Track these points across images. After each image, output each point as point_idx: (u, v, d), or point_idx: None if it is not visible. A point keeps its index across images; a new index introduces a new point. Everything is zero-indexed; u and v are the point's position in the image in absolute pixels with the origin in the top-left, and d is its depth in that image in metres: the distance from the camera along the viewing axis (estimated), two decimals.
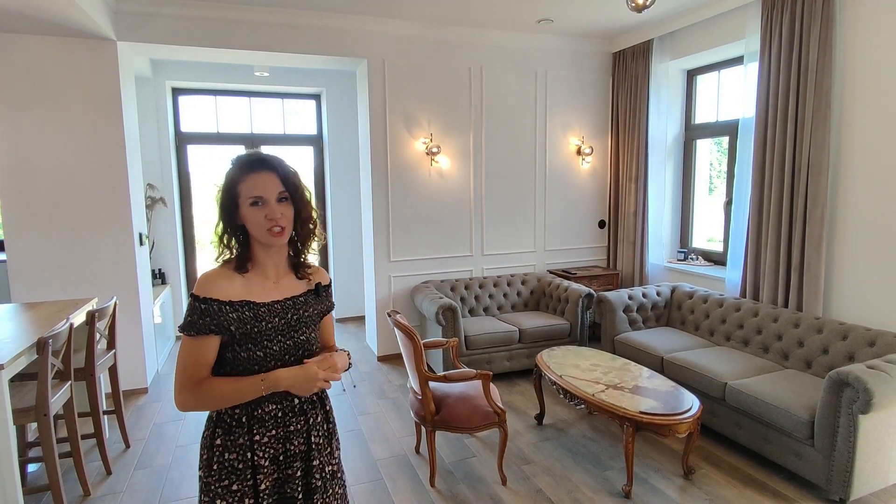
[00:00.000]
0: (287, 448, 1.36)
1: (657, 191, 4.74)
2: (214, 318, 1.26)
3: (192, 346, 1.27)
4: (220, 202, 1.31)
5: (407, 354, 2.81)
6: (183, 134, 5.42)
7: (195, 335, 1.26)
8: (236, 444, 1.31)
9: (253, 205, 1.28)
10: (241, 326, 1.29)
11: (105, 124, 3.71)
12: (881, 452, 2.52)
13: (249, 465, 1.32)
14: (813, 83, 3.24)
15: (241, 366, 1.30)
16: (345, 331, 5.68)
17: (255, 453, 1.32)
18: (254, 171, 1.29)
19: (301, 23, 4.09)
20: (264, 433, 1.33)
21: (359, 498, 2.68)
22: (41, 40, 3.53)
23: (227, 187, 1.30)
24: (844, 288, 3.28)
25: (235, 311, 1.28)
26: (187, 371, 1.26)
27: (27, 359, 2.34)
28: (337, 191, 5.81)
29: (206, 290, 1.27)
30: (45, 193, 3.65)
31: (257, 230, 1.29)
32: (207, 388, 1.26)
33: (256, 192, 1.28)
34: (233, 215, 1.30)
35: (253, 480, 1.32)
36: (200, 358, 1.27)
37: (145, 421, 3.56)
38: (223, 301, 1.27)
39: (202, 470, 1.34)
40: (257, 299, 1.32)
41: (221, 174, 1.33)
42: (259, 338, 1.31)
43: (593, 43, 5.00)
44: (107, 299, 3.13)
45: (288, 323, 1.36)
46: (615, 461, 2.97)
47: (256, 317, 1.31)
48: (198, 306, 1.26)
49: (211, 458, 1.32)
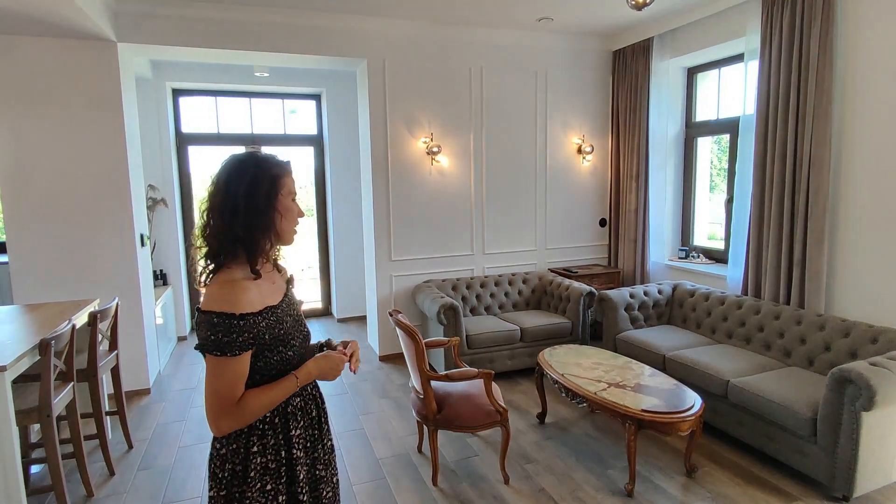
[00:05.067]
0: (313, 434, 1.43)
1: (658, 189, 4.73)
2: (251, 333, 1.22)
3: (228, 367, 1.20)
4: (256, 198, 1.26)
5: (409, 354, 2.81)
6: (184, 135, 5.43)
7: (238, 354, 1.20)
8: (269, 447, 1.31)
9: (293, 200, 1.35)
10: (271, 332, 1.28)
11: (106, 126, 3.72)
12: (884, 449, 2.52)
13: (283, 463, 1.33)
14: (814, 79, 3.23)
15: (274, 369, 1.31)
16: (346, 330, 5.68)
17: (293, 447, 1.34)
18: (291, 172, 1.36)
19: (301, 23, 4.09)
20: (296, 426, 1.36)
21: (361, 497, 2.69)
22: (41, 42, 3.53)
23: (270, 182, 1.28)
24: (847, 284, 3.28)
25: (265, 318, 1.26)
26: (225, 394, 1.21)
27: (30, 360, 2.35)
28: (337, 191, 5.82)
29: (239, 304, 1.21)
30: (47, 195, 3.66)
31: (291, 224, 1.34)
32: (248, 406, 1.23)
33: (294, 189, 1.35)
34: (264, 211, 1.27)
35: (287, 476, 1.34)
36: (239, 377, 1.23)
37: (148, 421, 3.57)
38: (255, 312, 1.24)
39: (227, 486, 1.29)
40: (272, 302, 1.32)
41: (245, 171, 1.27)
42: (286, 338, 1.33)
43: (593, 41, 4.99)
44: (109, 300, 3.13)
45: (294, 318, 1.39)
46: (618, 460, 2.96)
47: (279, 319, 1.31)
48: (235, 324, 1.19)
49: (247, 467, 1.29)
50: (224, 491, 1.28)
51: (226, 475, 1.29)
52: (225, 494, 1.28)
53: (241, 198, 1.25)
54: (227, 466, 1.29)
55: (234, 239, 1.26)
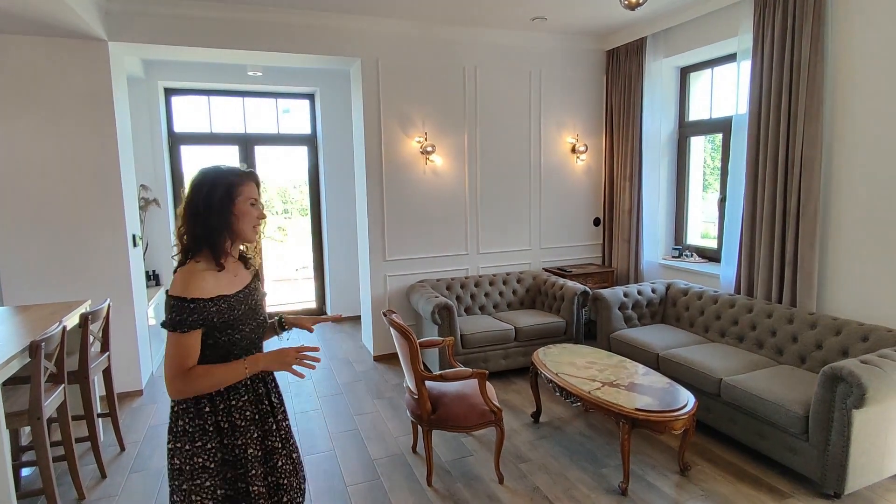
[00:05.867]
0: (262, 408, 1.62)
1: (651, 188, 4.75)
2: (200, 315, 1.45)
3: (182, 341, 1.45)
4: (213, 203, 1.50)
5: (403, 354, 2.81)
6: (176, 134, 5.39)
7: (186, 331, 1.44)
8: (219, 410, 1.53)
9: (252, 205, 1.56)
10: (220, 316, 1.49)
11: (97, 125, 3.69)
12: (875, 446, 2.54)
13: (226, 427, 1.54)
14: (805, 79, 3.25)
15: (223, 348, 1.53)
16: (341, 331, 5.67)
17: (233, 415, 1.55)
18: (250, 180, 1.58)
19: (294, 22, 4.07)
20: (238, 398, 1.56)
21: (356, 498, 2.68)
22: (31, 41, 3.50)
23: (226, 189, 1.51)
24: (838, 283, 3.30)
25: (215, 305, 1.48)
26: (179, 362, 1.45)
27: (20, 362, 2.32)
28: (331, 190, 5.80)
29: (190, 290, 1.45)
30: (37, 195, 3.62)
31: (248, 225, 1.56)
32: (196, 376, 1.46)
33: (254, 195, 1.57)
34: (224, 213, 1.51)
35: (227, 441, 1.54)
36: (190, 349, 1.46)
37: (140, 423, 3.54)
38: (206, 298, 1.46)
39: (179, 439, 1.51)
40: (228, 291, 1.53)
41: (206, 181, 1.52)
42: (235, 323, 1.54)
43: (587, 41, 5.00)
44: (100, 301, 3.11)
45: (250, 307, 1.60)
46: (612, 458, 2.97)
47: (230, 307, 1.52)
48: (186, 306, 1.43)
49: (195, 426, 1.51)
50: (178, 443, 1.52)
51: (178, 430, 1.52)
52: (179, 446, 1.52)
53: (201, 202, 1.49)
54: (180, 423, 1.52)
55: (197, 237, 1.50)
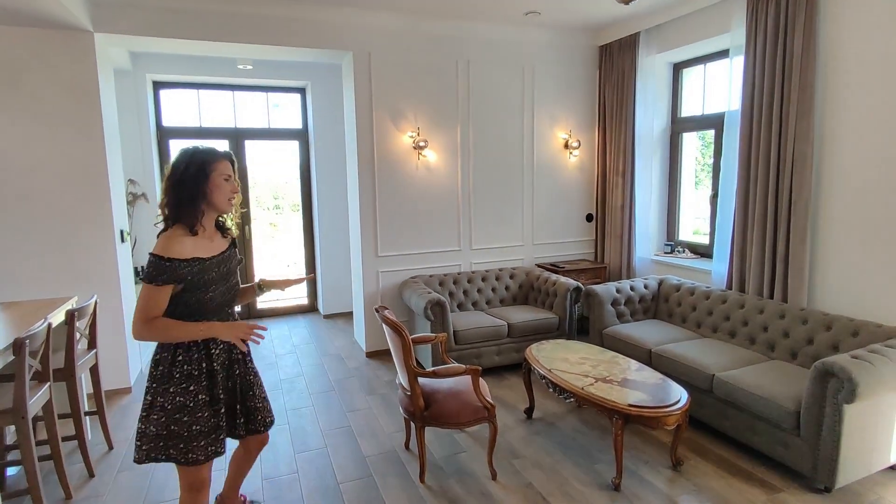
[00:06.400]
0: (231, 356, 1.96)
1: (644, 184, 4.75)
2: (174, 273, 1.71)
3: (153, 293, 1.71)
4: (188, 176, 1.76)
5: (395, 350, 2.78)
6: (165, 128, 5.32)
7: (160, 285, 1.70)
8: (192, 359, 1.81)
9: (226, 180, 1.84)
10: (193, 276, 1.75)
11: (83, 118, 3.62)
12: (865, 441, 2.56)
13: (204, 371, 1.84)
14: (797, 76, 3.26)
15: (192, 306, 1.80)
16: (333, 327, 5.63)
17: (212, 361, 1.85)
18: (224, 158, 1.86)
19: (284, 14, 4.01)
20: (216, 347, 1.87)
21: (348, 495, 2.66)
22: (14, 31, 3.42)
23: (200, 165, 1.78)
24: (828, 279, 3.32)
25: (189, 266, 1.74)
26: (146, 312, 1.71)
27: (3, 360, 2.27)
28: (323, 185, 5.75)
29: (169, 251, 1.71)
30: (21, 189, 3.55)
31: (222, 198, 1.84)
32: (160, 325, 1.72)
33: (227, 171, 1.86)
34: (200, 186, 1.77)
35: (207, 382, 1.84)
36: (159, 301, 1.72)
37: (129, 421, 3.50)
38: (182, 259, 1.72)
39: (157, 381, 1.79)
40: (203, 255, 1.78)
41: (184, 159, 1.79)
42: (205, 285, 1.79)
43: (580, 36, 4.99)
44: (87, 298, 3.05)
45: (222, 273, 1.85)
46: (605, 454, 2.98)
47: (203, 269, 1.77)
48: (162, 264, 1.70)
49: (173, 370, 1.78)
50: (155, 384, 1.79)
51: (157, 373, 1.79)
52: (156, 387, 1.79)
53: (179, 176, 1.77)
54: (160, 368, 1.79)
55: (176, 205, 1.77)
